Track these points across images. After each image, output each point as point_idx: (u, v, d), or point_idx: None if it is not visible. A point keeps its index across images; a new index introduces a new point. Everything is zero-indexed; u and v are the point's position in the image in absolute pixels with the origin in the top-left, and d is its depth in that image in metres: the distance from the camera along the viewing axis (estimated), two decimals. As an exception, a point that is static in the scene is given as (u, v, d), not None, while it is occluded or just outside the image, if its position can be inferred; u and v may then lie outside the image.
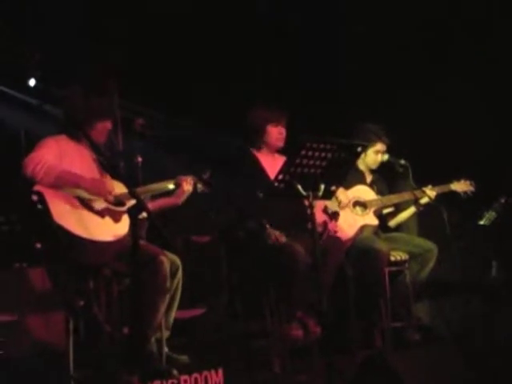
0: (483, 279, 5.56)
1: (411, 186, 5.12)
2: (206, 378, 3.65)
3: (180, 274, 3.98)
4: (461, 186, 5.17)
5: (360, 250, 4.76)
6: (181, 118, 6.54)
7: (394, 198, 5.11)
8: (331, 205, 4.78)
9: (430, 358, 3.59)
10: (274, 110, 4.69)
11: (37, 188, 3.61)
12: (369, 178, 5.26)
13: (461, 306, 5.12)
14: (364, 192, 5.08)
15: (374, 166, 5.22)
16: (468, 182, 5.19)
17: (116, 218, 3.81)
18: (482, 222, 5.54)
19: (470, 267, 5.60)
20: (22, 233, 3.66)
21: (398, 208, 5.27)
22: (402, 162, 5.14)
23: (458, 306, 5.13)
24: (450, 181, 5.20)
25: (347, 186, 4.96)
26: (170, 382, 3.50)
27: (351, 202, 4.96)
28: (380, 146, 5.15)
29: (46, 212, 3.52)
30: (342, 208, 4.86)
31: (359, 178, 5.17)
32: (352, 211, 4.95)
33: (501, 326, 4.42)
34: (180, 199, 4.28)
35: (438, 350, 3.72)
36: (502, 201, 5.47)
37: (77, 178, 3.74)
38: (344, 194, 4.90)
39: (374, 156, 5.17)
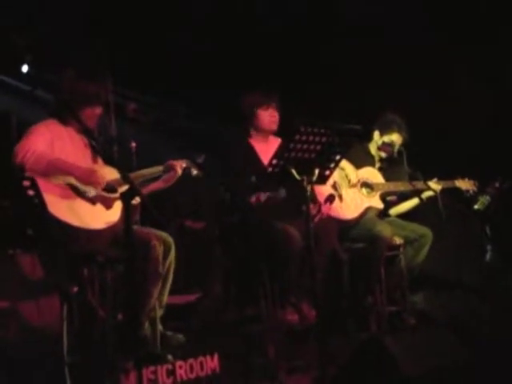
0: (478, 264, 5.57)
1: (406, 171, 5.11)
2: (201, 363, 3.64)
3: (173, 253, 3.95)
4: (465, 184, 5.20)
5: (362, 231, 4.76)
6: (175, 103, 6.52)
7: (401, 186, 5.09)
8: (340, 181, 4.79)
9: (426, 342, 3.59)
10: (262, 94, 4.67)
11: (27, 173, 3.57)
12: (377, 165, 5.25)
13: (456, 291, 5.13)
14: (372, 174, 5.07)
15: (384, 156, 5.19)
16: (472, 182, 5.22)
17: (108, 204, 3.78)
18: (476, 207, 5.54)
19: (465, 252, 5.61)
20: (15, 219, 3.64)
21: (401, 197, 5.26)
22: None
23: (453, 291, 5.14)
24: (454, 177, 5.20)
25: (357, 167, 4.98)
26: (164, 367, 3.49)
27: (360, 182, 4.97)
28: (396, 137, 5.14)
29: (38, 198, 3.49)
30: (351, 186, 4.88)
31: (370, 161, 5.17)
32: (359, 191, 4.95)
33: (496, 309, 4.43)
34: (169, 183, 4.22)
35: (434, 334, 3.72)
36: (497, 185, 5.47)
37: (68, 165, 3.70)
38: (354, 173, 4.92)
39: (388, 147, 5.15)
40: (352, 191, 4.89)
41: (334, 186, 4.74)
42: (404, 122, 5.19)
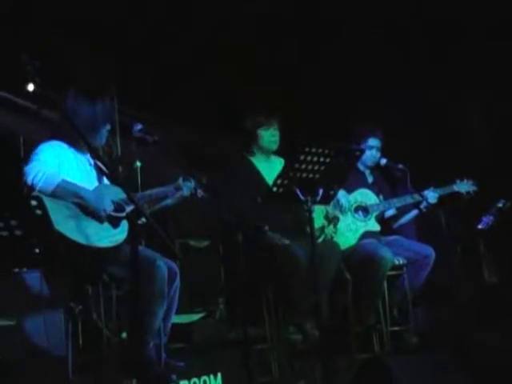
0: (481, 283, 5.58)
1: (409, 191, 5.11)
2: (204, 382, 3.66)
3: (178, 280, 3.96)
4: (463, 187, 5.14)
5: (363, 256, 4.74)
6: (179, 123, 6.55)
7: (396, 202, 5.09)
8: (333, 209, 4.79)
9: (428, 362, 3.60)
10: (263, 115, 4.74)
11: (36, 193, 3.60)
12: (370, 179, 5.24)
13: (458, 311, 5.13)
14: (366, 196, 5.06)
15: (370, 163, 5.18)
16: (470, 182, 5.16)
17: (115, 223, 3.80)
18: (479, 227, 5.55)
19: (468, 271, 5.61)
20: (22, 238, 3.66)
21: (400, 211, 5.25)
22: (400, 166, 5.13)
23: (455, 311, 5.13)
24: (452, 181, 5.17)
25: (349, 189, 4.94)
26: (168, 386, 3.51)
27: (353, 207, 4.96)
28: (372, 141, 5.14)
29: (45, 217, 3.52)
30: (344, 212, 4.86)
31: (361, 180, 5.15)
32: (354, 216, 4.94)
33: (496, 330, 4.43)
34: (174, 202, 4.23)
35: (436, 354, 3.72)
36: (500, 205, 5.49)
37: (76, 187, 3.73)
38: (345, 198, 4.89)
39: (368, 152, 5.11)
40: (345, 217, 4.87)
41: (326, 215, 4.74)
42: (371, 123, 5.21)
